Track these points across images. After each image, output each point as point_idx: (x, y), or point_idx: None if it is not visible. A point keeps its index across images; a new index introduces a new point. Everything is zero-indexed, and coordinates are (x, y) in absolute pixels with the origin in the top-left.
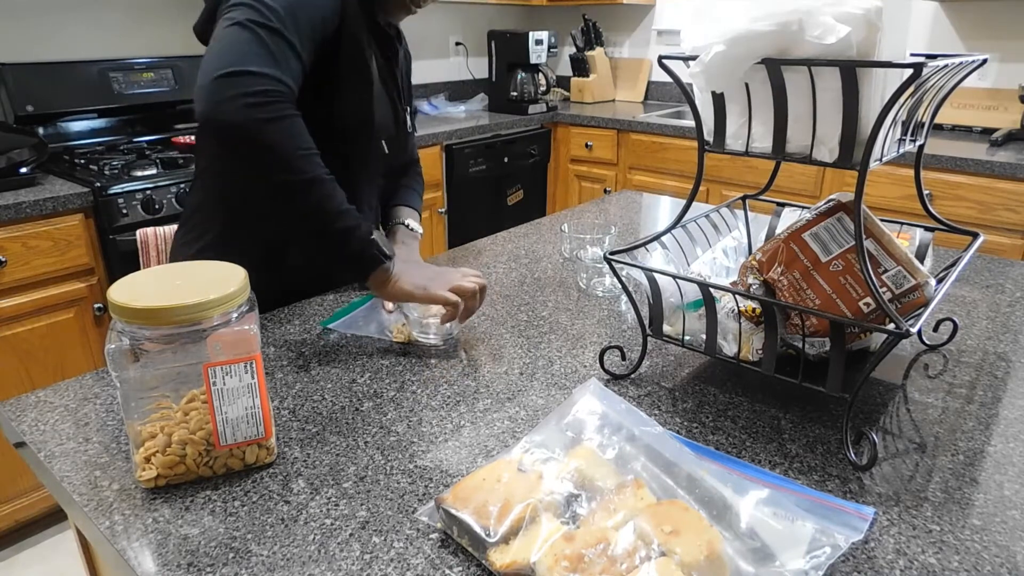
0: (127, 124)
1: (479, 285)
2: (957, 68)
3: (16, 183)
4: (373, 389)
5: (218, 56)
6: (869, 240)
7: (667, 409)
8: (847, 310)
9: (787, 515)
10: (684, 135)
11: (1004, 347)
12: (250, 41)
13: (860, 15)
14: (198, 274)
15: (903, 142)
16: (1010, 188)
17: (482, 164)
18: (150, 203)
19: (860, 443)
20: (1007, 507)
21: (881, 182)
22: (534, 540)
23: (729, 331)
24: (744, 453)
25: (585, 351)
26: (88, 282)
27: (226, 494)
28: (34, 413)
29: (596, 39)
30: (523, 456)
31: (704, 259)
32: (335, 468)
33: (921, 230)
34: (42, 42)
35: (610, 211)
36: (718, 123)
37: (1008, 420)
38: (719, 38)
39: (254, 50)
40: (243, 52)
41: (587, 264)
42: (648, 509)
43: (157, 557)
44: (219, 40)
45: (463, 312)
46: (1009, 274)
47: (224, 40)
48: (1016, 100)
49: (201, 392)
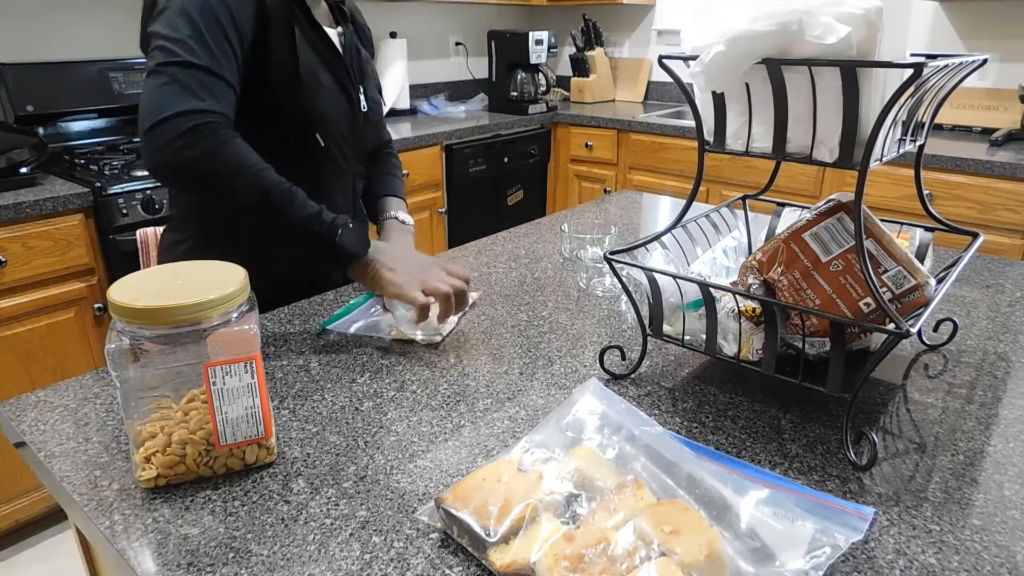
0: (127, 124)
1: (454, 288)
2: (957, 68)
3: (16, 183)
4: (373, 389)
5: (143, 110)
6: (869, 240)
7: (667, 409)
8: (847, 310)
9: (787, 515)
10: (684, 135)
11: (1004, 347)
12: (164, 85)
13: (860, 15)
14: (198, 274)
15: (903, 142)
16: (1010, 188)
17: (482, 164)
18: (150, 203)
19: (860, 443)
20: (1007, 507)
21: (881, 182)
22: (534, 540)
23: (729, 331)
24: (744, 453)
25: (585, 351)
26: (88, 282)
27: (226, 494)
28: (34, 413)
29: (596, 39)
30: (523, 456)
31: (704, 259)
32: (335, 468)
33: (921, 230)
34: (42, 42)
35: (610, 211)
36: (718, 123)
37: (1008, 420)
38: (719, 38)
39: (169, 93)
40: (159, 100)
41: (587, 264)
42: (648, 509)
43: (157, 557)
44: (143, 93)
45: (440, 314)
46: (1009, 274)
47: (145, 92)
48: (1016, 100)
49: (201, 392)
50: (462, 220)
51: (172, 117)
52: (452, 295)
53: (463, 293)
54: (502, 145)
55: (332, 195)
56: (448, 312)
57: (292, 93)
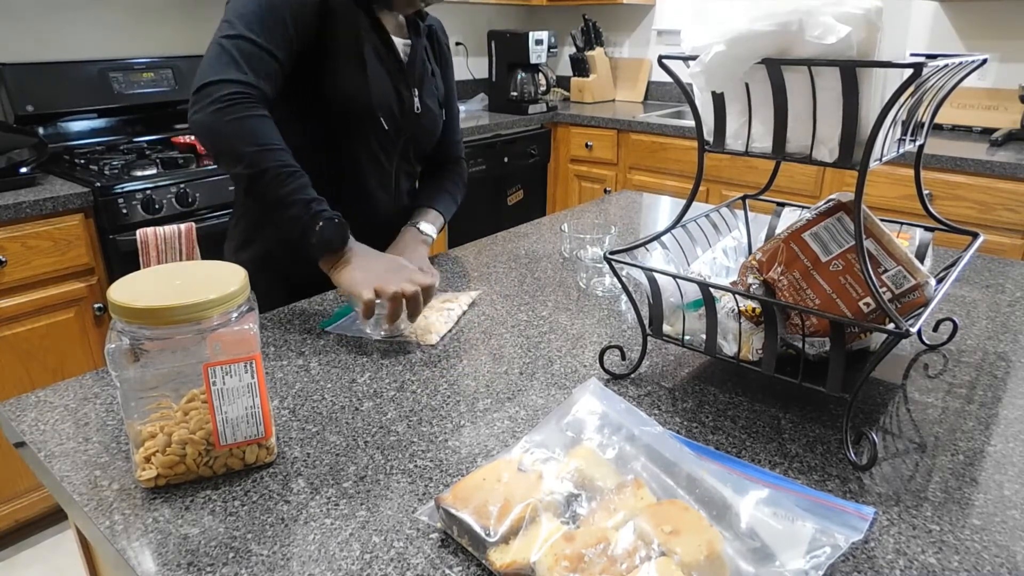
0: (127, 124)
1: (405, 292)
2: (957, 68)
3: (16, 183)
4: (373, 389)
5: (199, 73)
6: (869, 240)
7: (667, 409)
8: (847, 310)
9: (787, 515)
10: (684, 135)
11: (1004, 347)
12: (219, 55)
13: (860, 15)
14: (198, 274)
15: (903, 142)
16: (1010, 188)
17: (482, 164)
18: (150, 203)
19: (860, 443)
20: (1007, 507)
21: (881, 182)
22: (534, 540)
23: (729, 331)
24: (744, 453)
25: (585, 351)
26: (88, 282)
27: (226, 494)
28: (34, 413)
29: (596, 39)
30: (523, 456)
31: (704, 259)
32: (335, 468)
33: (921, 230)
34: (42, 42)
35: (610, 211)
36: (718, 123)
37: (1008, 420)
38: (719, 38)
39: (222, 62)
40: (212, 66)
41: (587, 264)
42: (648, 509)
43: (157, 557)
44: (204, 58)
45: (387, 314)
46: (1009, 274)
47: (205, 58)
48: (1016, 100)
49: (201, 392)
50: (462, 220)
51: (215, 83)
52: (402, 297)
53: (415, 298)
54: (502, 145)
55: (371, 189)
56: (396, 313)
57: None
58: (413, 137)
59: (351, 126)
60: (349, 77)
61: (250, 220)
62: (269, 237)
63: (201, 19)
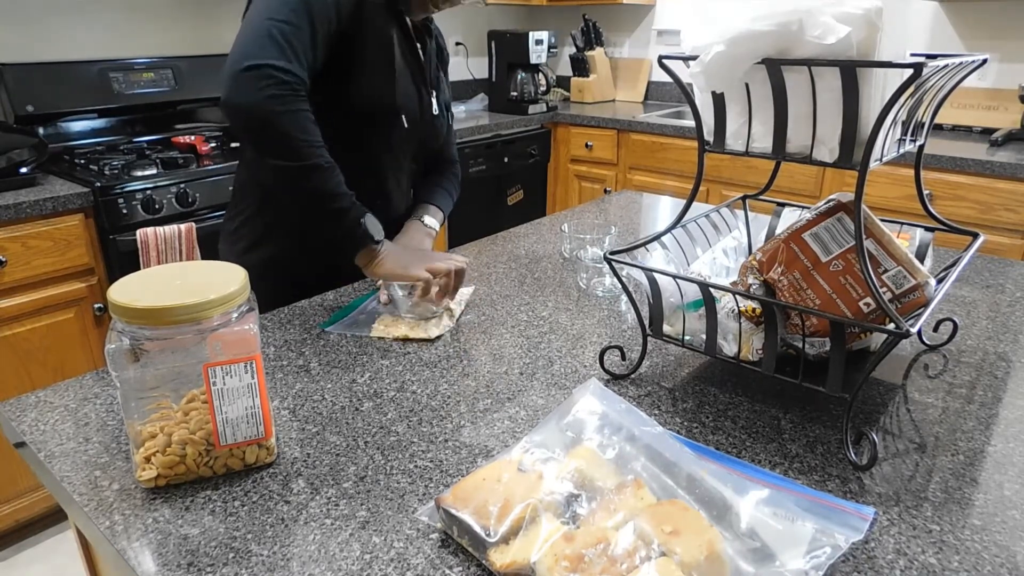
0: (127, 124)
1: (455, 267)
2: (957, 68)
3: (16, 183)
4: (373, 389)
5: (243, 48)
6: (869, 240)
7: (667, 409)
8: (847, 310)
9: (787, 515)
10: (684, 135)
11: (1004, 347)
12: (267, 35)
13: (860, 15)
14: (198, 274)
15: (903, 142)
16: (1010, 188)
17: (482, 164)
18: (150, 203)
19: (860, 443)
20: (1007, 507)
21: (881, 182)
22: (534, 540)
23: (729, 331)
24: (744, 453)
25: (585, 351)
26: (88, 282)
27: (226, 494)
28: (34, 413)
29: (596, 39)
30: (523, 456)
31: (704, 259)
32: (335, 468)
33: (921, 230)
34: (42, 42)
35: (610, 211)
36: (718, 123)
37: (1008, 420)
38: (719, 38)
39: (270, 44)
40: (261, 45)
41: (587, 264)
42: (648, 509)
43: (157, 557)
44: (245, 32)
45: (439, 291)
46: (1009, 274)
47: (249, 33)
48: (1016, 100)
49: (201, 392)
50: (462, 220)
51: (271, 67)
52: (453, 272)
53: (462, 271)
54: (502, 145)
55: (389, 188)
56: (448, 287)
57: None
58: (425, 137)
59: (375, 125)
60: (378, 78)
61: (263, 221)
62: (281, 238)
63: (201, 19)
